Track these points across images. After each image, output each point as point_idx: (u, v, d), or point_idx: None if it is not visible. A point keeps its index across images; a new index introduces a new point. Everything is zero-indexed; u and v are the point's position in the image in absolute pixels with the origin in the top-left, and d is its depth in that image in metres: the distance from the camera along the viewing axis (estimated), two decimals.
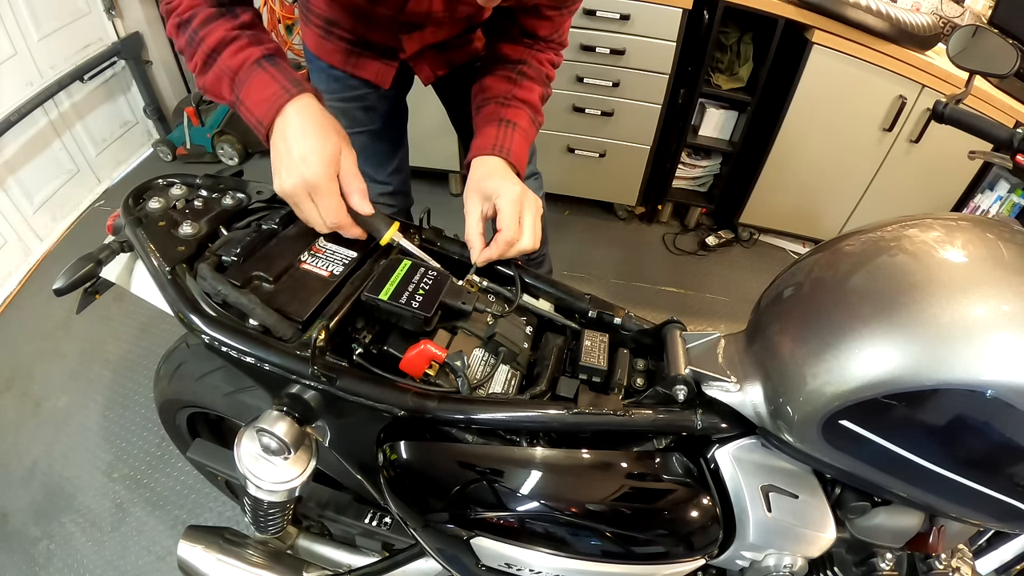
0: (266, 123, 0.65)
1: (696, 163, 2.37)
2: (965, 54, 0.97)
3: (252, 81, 0.66)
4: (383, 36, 0.96)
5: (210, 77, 0.68)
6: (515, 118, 0.85)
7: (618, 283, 2.21)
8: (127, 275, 0.75)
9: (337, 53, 1.00)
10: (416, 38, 0.95)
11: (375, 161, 1.18)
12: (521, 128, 0.85)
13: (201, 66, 0.69)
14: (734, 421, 0.61)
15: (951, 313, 0.46)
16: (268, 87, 0.65)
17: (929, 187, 2.10)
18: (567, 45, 0.97)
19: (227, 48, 0.67)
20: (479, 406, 0.62)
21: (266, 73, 0.66)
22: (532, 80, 0.90)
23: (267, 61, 0.67)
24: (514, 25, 0.91)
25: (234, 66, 0.66)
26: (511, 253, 0.75)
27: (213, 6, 0.68)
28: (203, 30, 0.67)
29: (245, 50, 0.67)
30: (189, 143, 2.53)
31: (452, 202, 2.49)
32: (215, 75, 0.68)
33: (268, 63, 0.67)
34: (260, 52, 0.67)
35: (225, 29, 0.67)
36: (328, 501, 0.96)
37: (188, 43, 0.68)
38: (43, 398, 1.64)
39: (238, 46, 0.67)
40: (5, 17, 1.88)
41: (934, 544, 0.63)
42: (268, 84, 0.65)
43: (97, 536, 1.35)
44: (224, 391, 0.84)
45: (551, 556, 0.62)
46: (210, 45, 0.67)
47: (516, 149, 0.83)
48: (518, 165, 0.83)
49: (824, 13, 1.77)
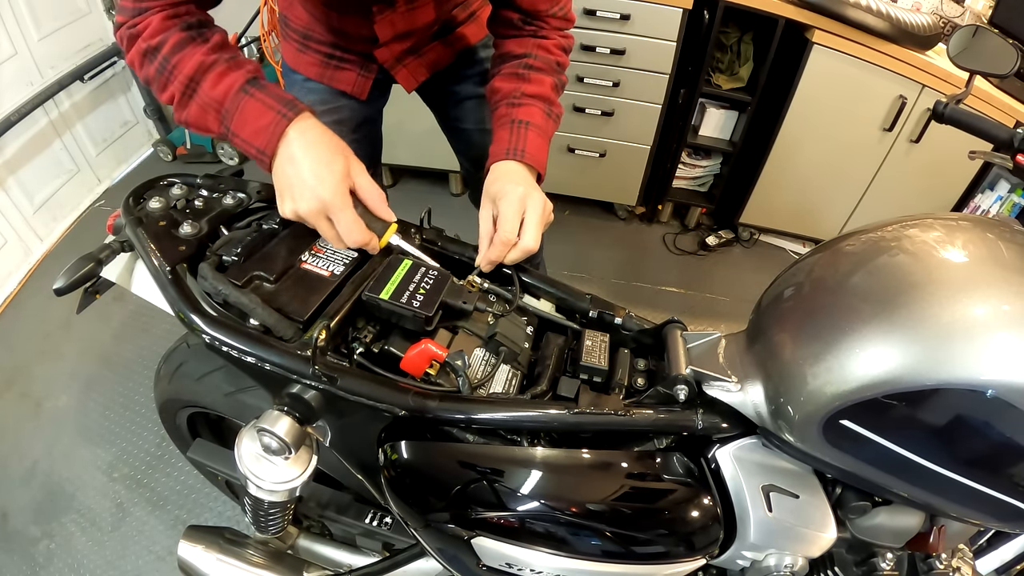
0: (269, 152, 0.64)
1: (696, 163, 2.37)
2: (965, 54, 0.97)
3: (243, 111, 0.63)
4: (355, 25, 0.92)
5: (193, 110, 0.66)
6: (528, 116, 0.84)
7: (618, 283, 2.21)
8: (127, 275, 0.75)
9: (314, 65, 0.99)
10: (388, 20, 0.90)
11: None
12: (535, 126, 0.84)
13: (180, 98, 0.65)
14: (735, 421, 0.61)
15: (951, 313, 0.46)
16: (263, 116, 0.63)
17: (929, 187, 2.10)
18: (574, 20, 0.94)
19: (206, 77, 0.64)
20: (480, 406, 0.62)
21: (255, 100, 0.64)
22: (541, 72, 0.88)
23: (252, 86, 0.64)
24: (513, 9, 0.89)
25: (218, 96, 0.64)
26: (514, 255, 0.75)
27: (183, 30, 0.65)
28: (175, 57, 0.64)
29: (227, 77, 0.64)
30: (189, 143, 2.53)
31: (452, 202, 2.49)
32: (199, 108, 0.65)
33: (254, 88, 0.64)
34: (243, 78, 0.64)
35: (201, 54, 0.64)
36: (329, 501, 0.96)
37: (159, 72, 0.65)
38: (43, 398, 1.64)
39: (218, 73, 0.64)
40: (5, 17, 1.88)
41: (934, 544, 0.63)
42: (262, 113, 0.63)
43: (97, 536, 1.35)
44: (224, 391, 0.84)
45: (552, 556, 0.62)
46: (187, 75, 0.64)
47: (531, 149, 0.82)
48: (536, 164, 0.82)
49: (824, 13, 1.77)
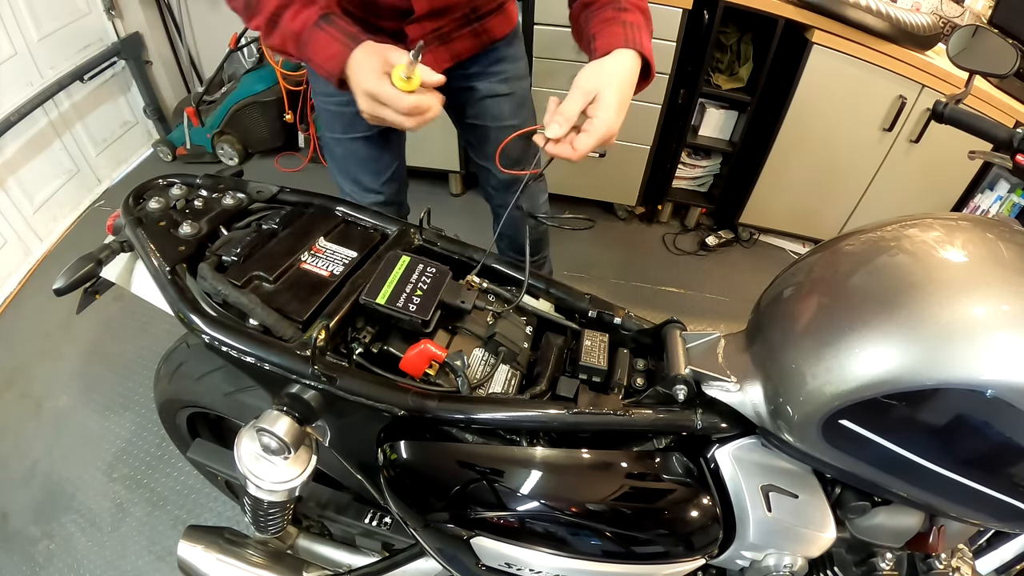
0: (336, 73, 0.76)
1: (696, 163, 2.37)
2: (965, 54, 0.97)
3: (315, 42, 0.76)
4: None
5: (276, 38, 0.79)
6: (635, 21, 0.82)
7: (618, 283, 2.21)
8: (127, 275, 0.75)
9: None
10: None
11: (368, 168, 1.16)
12: (646, 30, 0.83)
13: (265, 28, 0.79)
14: (734, 421, 0.61)
15: (951, 313, 0.46)
16: (332, 46, 0.75)
17: (929, 187, 2.10)
18: None
19: (286, 12, 0.76)
20: (479, 406, 0.62)
21: (325, 33, 0.75)
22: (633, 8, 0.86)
23: (324, 21, 0.76)
24: None
25: (296, 29, 0.76)
26: (593, 144, 0.74)
27: None
28: None
29: (302, 13, 0.76)
30: (189, 143, 2.53)
31: (452, 202, 2.49)
32: (280, 37, 0.78)
33: (325, 23, 0.76)
34: (316, 14, 0.76)
35: None
36: (328, 501, 0.96)
37: (246, 7, 0.78)
38: (43, 398, 1.64)
39: (295, 10, 0.76)
40: (5, 17, 1.88)
41: (934, 544, 0.63)
42: (330, 43, 0.75)
43: (97, 536, 1.34)
44: (224, 391, 0.84)
45: (551, 556, 0.62)
46: (270, 10, 0.77)
47: (647, 45, 0.81)
48: (648, 58, 0.81)
49: (824, 13, 1.77)
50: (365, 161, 1.14)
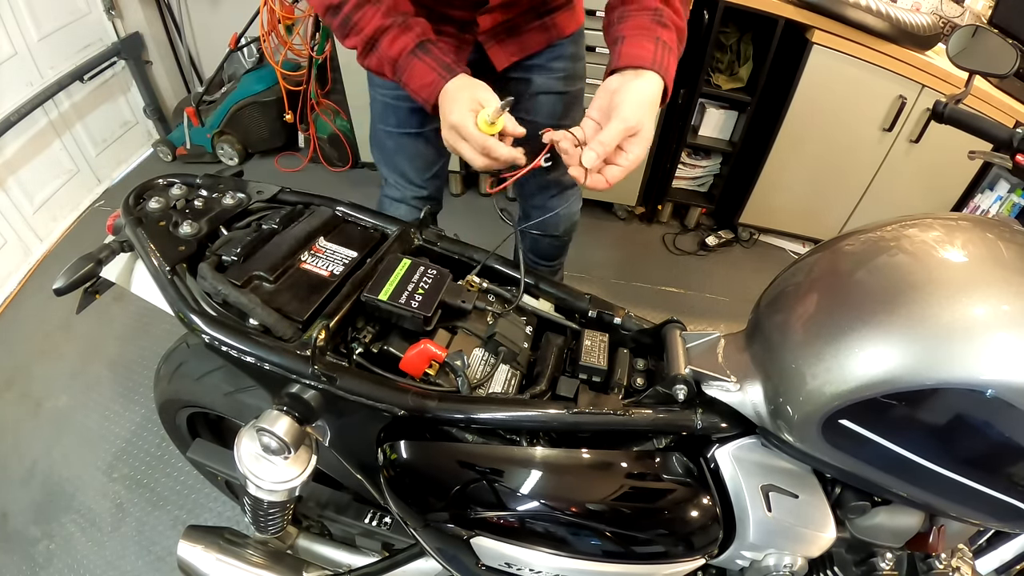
0: (431, 101, 0.78)
1: (696, 163, 2.37)
2: (965, 54, 0.97)
3: (412, 69, 0.78)
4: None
5: (373, 61, 0.81)
6: (670, 41, 0.78)
7: (618, 283, 2.21)
8: (127, 275, 0.75)
9: None
10: None
11: (416, 164, 1.16)
12: (675, 53, 0.79)
13: (362, 51, 0.81)
14: (734, 421, 0.61)
15: (951, 313, 0.46)
16: (428, 75, 0.77)
17: (929, 187, 2.10)
18: None
19: (383, 38, 0.78)
20: (479, 406, 0.62)
21: (422, 63, 0.78)
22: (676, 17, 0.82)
23: (420, 50, 0.78)
24: None
25: (393, 55, 0.79)
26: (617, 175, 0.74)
27: None
28: (356, 15, 0.79)
29: (400, 39, 0.78)
30: (189, 143, 2.53)
31: (452, 202, 2.49)
32: (377, 60, 0.81)
33: (422, 52, 0.78)
34: (413, 41, 0.78)
35: (379, 17, 0.78)
36: (328, 501, 0.96)
37: (342, 26, 0.80)
38: (43, 398, 1.64)
39: (392, 36, 0.78)
40: (5, 17, 1.88)
41: (934, 544, 0.63)
42: (427, 73, 0.77)
43: (97, 536, 1.34)
44: (224, 391, 0.84)
45: (551, 556, 0.62)
46: (368, 35, 0.78)
47: (672, 71, 0.77)
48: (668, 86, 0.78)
49: (824, 13, 1.77)
50: (414, 156, 1.15)
